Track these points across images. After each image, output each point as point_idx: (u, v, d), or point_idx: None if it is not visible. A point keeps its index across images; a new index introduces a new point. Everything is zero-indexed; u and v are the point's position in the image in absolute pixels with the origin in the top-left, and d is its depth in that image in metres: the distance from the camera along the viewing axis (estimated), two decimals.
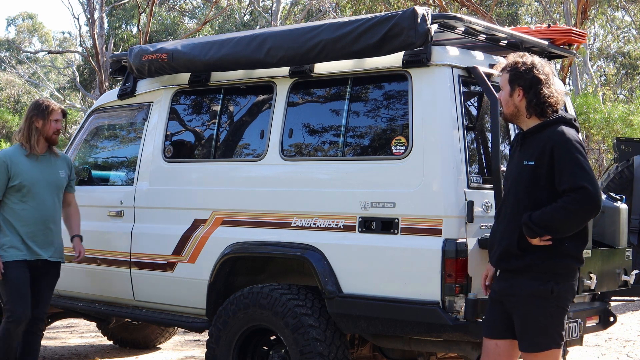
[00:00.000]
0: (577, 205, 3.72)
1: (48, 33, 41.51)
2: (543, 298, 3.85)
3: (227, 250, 5.23)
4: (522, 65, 3.96)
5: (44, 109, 5.60)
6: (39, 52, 38.07)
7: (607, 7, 28.70)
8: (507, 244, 3.91)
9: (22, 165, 5.51)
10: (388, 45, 4.66)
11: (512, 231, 3.90)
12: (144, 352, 7.77)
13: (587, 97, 17.88)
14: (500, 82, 4.07)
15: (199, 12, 35.52)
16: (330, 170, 5.00)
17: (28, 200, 5.49)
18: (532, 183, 3.86)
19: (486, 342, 4.06)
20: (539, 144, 3.87)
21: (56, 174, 5.64)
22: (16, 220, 5.48)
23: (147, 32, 20.43)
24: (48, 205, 5.55)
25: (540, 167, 3.84)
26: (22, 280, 5.44)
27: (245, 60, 5.26)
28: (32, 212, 5.49)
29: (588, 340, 7.80)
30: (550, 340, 3.87)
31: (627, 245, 5.45)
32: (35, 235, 5.49)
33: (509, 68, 3.99)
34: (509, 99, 3.98)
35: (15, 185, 5.47)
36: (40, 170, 5.55)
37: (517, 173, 3.94)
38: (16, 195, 5.49)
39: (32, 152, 5.54)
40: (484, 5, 22.00)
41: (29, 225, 5.48)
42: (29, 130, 5.57)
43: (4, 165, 5.47)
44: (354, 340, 5.18)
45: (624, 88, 34.20)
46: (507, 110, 4.01)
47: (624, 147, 11.09)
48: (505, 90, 4.00)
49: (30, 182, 5.49)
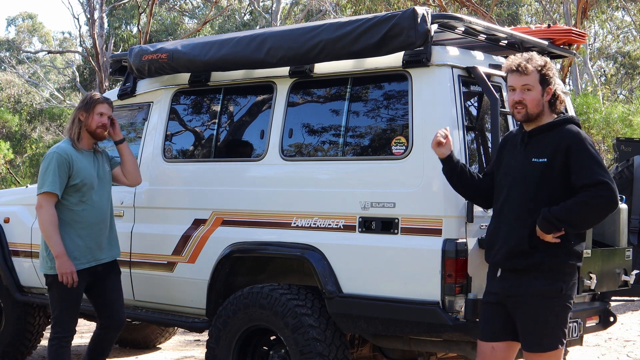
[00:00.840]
0: (599, 199, 3.79)
1: (48, 33, 41.49)
2: (551, 297, 3.85)
3: (227, 250, 5.23)
4: (549, 65, 4.01)
5: (88, 101, 5.23)
6: (39, 52, 38.06)
7: (606, 6, 28.68)
8: (516, 242, 3.90)
9: (80, 162, 5.12)
10: (388, 45, 4.66)
11: (520, 229, 3.90)
12: (144, 352, 7.77)
13: (587, 97, 17.86)
14: (524, 82, 4.00)
15: (199, 12, 35.51)
16: (330, 170, 5.00)
17: (87, 199, 5.11)
18: (544, 180, 3.88)
19: (482, 345, 4.05)
20: (551, 142, 3.90)
21: (105, 169, 5.32)
22: (76, 222, 5.08)
23: (147, 32, 20.42)
24: (104, 203, 5.23)
25: (553, 165, 3.87)
26: (79, 293, 5.09)
27: (245, 60, 5.26)
28: (92, 212, 5.13)
29: (588, 340, 7.80)
30: (556, 340, 3.88)
31: (627, 245, 5.46)
32: (96, 237, 5.14)
33: (539, 69, 3.98)
34: (540, 99, 3.98)
35: (77, 184, 5.07)
36: (94, 166, 5.21)
37: (523, 171, 3.94)
38: (75, 195, 5.09)
39: (79, 148, 5.16)
40: (484, 5, 21.98)
41: (91, 226, 5.12)
42: (72, 123, 5.22)
43: (66, 162, 5.05)
44: (354, 340, 5.19)
45: (624, 88, 34.20)
46: (535, 110, 3.99)
47: (624, 147, 11.10)
48: (536, 90, 3.98)
49: (89, 180, 5.12)
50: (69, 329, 5.10)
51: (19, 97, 35.03)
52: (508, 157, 4.11)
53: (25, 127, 30.56)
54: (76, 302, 5.11)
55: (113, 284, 5.31)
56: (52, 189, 5.02)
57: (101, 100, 5.26)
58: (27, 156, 28.01)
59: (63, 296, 5.06)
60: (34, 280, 6.59)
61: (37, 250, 6.46)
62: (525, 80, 3.99)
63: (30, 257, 6.55)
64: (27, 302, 6.71)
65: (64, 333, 5.07)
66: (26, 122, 30.96)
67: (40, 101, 34.56)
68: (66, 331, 5.08)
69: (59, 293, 5.07)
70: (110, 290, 5.29)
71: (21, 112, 31.54)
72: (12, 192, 7.52)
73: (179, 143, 5.92)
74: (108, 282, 5.28)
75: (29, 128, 31.10)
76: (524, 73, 3.99)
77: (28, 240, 6.57)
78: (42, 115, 31.51)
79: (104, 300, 5.29)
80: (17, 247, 6.69)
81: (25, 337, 6.87)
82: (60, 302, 5.09)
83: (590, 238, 4.88)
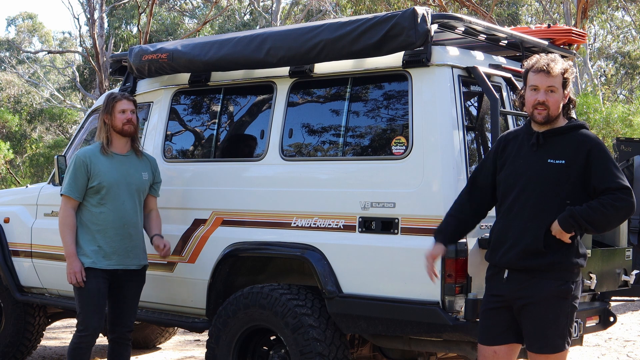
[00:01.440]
0: (623, 202, 3.83)
1: (48, 33, 41.48)
2: (563, 298, 3.85)
3: (227, 250, 5.23)
4: (571, 70, 4.00)
5: (109, 102, 5.22)
6: (39, 52, 38.04)
7: (607, 6, 28.68)
8: (531, 241, 3.87)
9: (101, 165, 5.13)
10: (388, 45, 4.66)
11: (536, 228, 3.88)
12: (144, 352, 7.77)
13: (587, 97, 17.85)
14: (548, 83, 3.94)
15: (199, 12, 35.50)
16: (330, 170, 5.00)
17: (107, 202, 5.11)
18: (562, 181, 3.88)
19: (483, 349, 4.02)
20: (570, 144, 3.92)
21: (138, 176, 5.24)
22: (94, 224, 5.11)
23: (147, 32, 20.43)
24: (128, 209, 5.17)
25: (572, 166, 3.88)
26: (98, 291, 5.07)
27: (245, 60, 5.25)
28: (111, 216, 5.11)
29: (588, 340, 7.80)
30: (565, 341, 3.88)
31: (627, 245, 5.46)
32: (114, 242, 5.12)
33: (563, 72, 3.96)
34: (560, 102, 3.98)
35: (95, 187, 5.09)
36: (120, 171, 5.17)
37: (538, 171, 3.93)
38: (95, 197, 5.11)
39: (108, 151, 5.18)
40: (484, 5, 21.99)
41: (108, 230, 5.11)
42: (100, 127, 5.23)
43: (83, 165, 5.10)
44: (354, 340, 5.18)
45: (624, 88, 34.20)
46: (556, 113, 3.97)
47: (624, 147, 11.10)
48: (558, 93, 3.95)
49: (110, 183, 5.10)
50: (87, 327, 5.09)
51: (19, 97, 35.03)
52: (514, 157, 4.04)
53: (25, 127, 30.56)
54: (93, 301, 5.09)
55: (128, 292, 5.27)
56: (66, 192, 5.15)
57: (119, 97, 5.27)
58: (27, 156, 28.02)
59: (79, 294, 5.11)
60: (34, 280, 6.59)
61: (37, 250, 6.47)
62: (551, 81, 3.94)
63: (30, 257, 6.55)
64: (27, 302, 6.71)
65: (84, 332, 5.10)
66: (26, 122, 30.97)
67: (40, 101, 34.56)
68: (86, 329, 5.09)
69: (76, 291, 5.13)
70: (122, 298, 5.26)
71: (21, 112, 31.53)
72: (12, 192, 7.52)
73: (179, 143, 5.92)
74: (125, 290, 5.25)
75: (29, 128, 31.10)
76: (551, 74, 3.94)
77: (28, 240, 6.57)
78: (42, 115, 31.52)
79: (112, 307, 5.27)
80: (17, 247, 6.69)
81: (25, 337, 6.87)
82: (78, 300, 5.14)
83: (590, 238, 4.88)
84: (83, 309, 5.11)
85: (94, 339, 5.14)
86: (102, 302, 5.13)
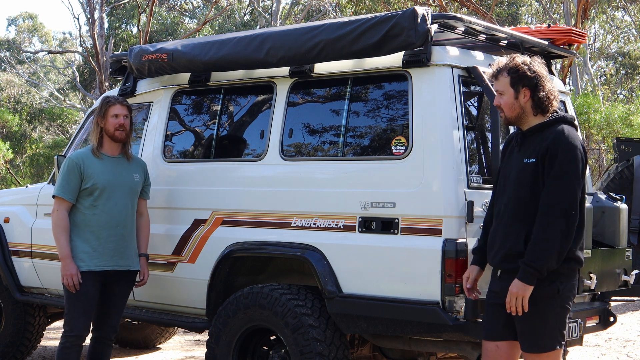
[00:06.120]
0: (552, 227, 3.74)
1: (48, 33, 41.47)
2: (549, 298, 3.85)
3: (227, 250, 5.23)
4: (523, 65, 3.94)
5: (103, 105, 5.23)
6: (39, 52, 38.04)
7: (607, 6, 28.68)
8: (512, 244, 3.89)
9: (94, 166, 5.15)
10: (388, 45, 4.66)
11: (517, 231, 3.88)
12: (144, 352, 7.78)
13: (587, 97, 17.86)
14: (497, 87, 4.02)
15: (199, 12, 35.51)
16: (330, 170, 5.00)
17: (100, 204, 5.13)
18: (535, 181, 3.86)
19: (486, 344, 4.05)
20: (542, 142, 3.87)
21: (130, 177, 5.28)
22: (87, 226, 5.13)
23: (147, 32, 20.42)
24: (120, 210, 5.20)
25: (541, 165, 3.84)
26: (88, 293, 5.09)
27: (245, 60, 5.25)
28: (104, 217, 5.14)
29: (588, 340, 7.80)
30: (554, 341, 3.88)
31: (627, 245, 5.45)
32: (107, 243, 5.14)
33: (509, 71, 3.94)
34: (514, 102, 3.95)
35: (89, 188, 5.11)
36: (113, 172, 5.20)
37: (517, 172, 3.93)
38: (88, 199, 5.13)
39: (100, 153, 5.21)
40: (484, 5, 21.99)
41: (100, 231, 5.13)
42: (93, 129, 5.28)
43: (77, 167, 5.12)
44: (354, 340, 5.18)
45: (624, 88, 34.19)
46: (511, 114, 3.97)
47: (624, 147, 11.09)
48: (508, 94, 3.95)
49: (103, 184, 5.13)
50: (74, 328, 5.10)
51: (19, 97, 35.03)
52: (507, 160, 4.09)
53: (25, 127, 30.58)
54: (84, 303, 5.11)
55: (117, 293, 5.28)
56: (58, 193, 5.15)
57: (113, 102, 5.27)
58: (27, 156, 28.04)
59: (69, 296, 5.11)
60: (34, 280, 6.59)
61: (37, 250, 6.47)
62: (497, 85, 4.03)
63: (30, 257, 6.55)
64: (27, 302, 6.71)
65: (70, 332, 5.11)
66: (26, 122, 30.99)
67: (40, 101, 34.56)
68: (72, 330, 5.10)
69: (66, 292, 5.14)
70: (111, 299, 5.27)
71: (21, 112, 31.54)
72: (12, 192, 7.52)
73: (179, 143, 5.92)
74: (114, 290, 5.27)
75: (29, 128, 31.12)
76: (495, 78, 4.02)
77: (28, 240, 6.57)
78: (42, 115, 31.54)
79: (101, 307, 5.27)
80: (17, 247, 6.69)
81: (25, 337, 6.87)
82: (67, 300, 5.14)
83: (590, 238, 4.88)
84: (70, 310, 5.12)
85: (81, 340, 5.15)
86: (92, 307, 5.14)
